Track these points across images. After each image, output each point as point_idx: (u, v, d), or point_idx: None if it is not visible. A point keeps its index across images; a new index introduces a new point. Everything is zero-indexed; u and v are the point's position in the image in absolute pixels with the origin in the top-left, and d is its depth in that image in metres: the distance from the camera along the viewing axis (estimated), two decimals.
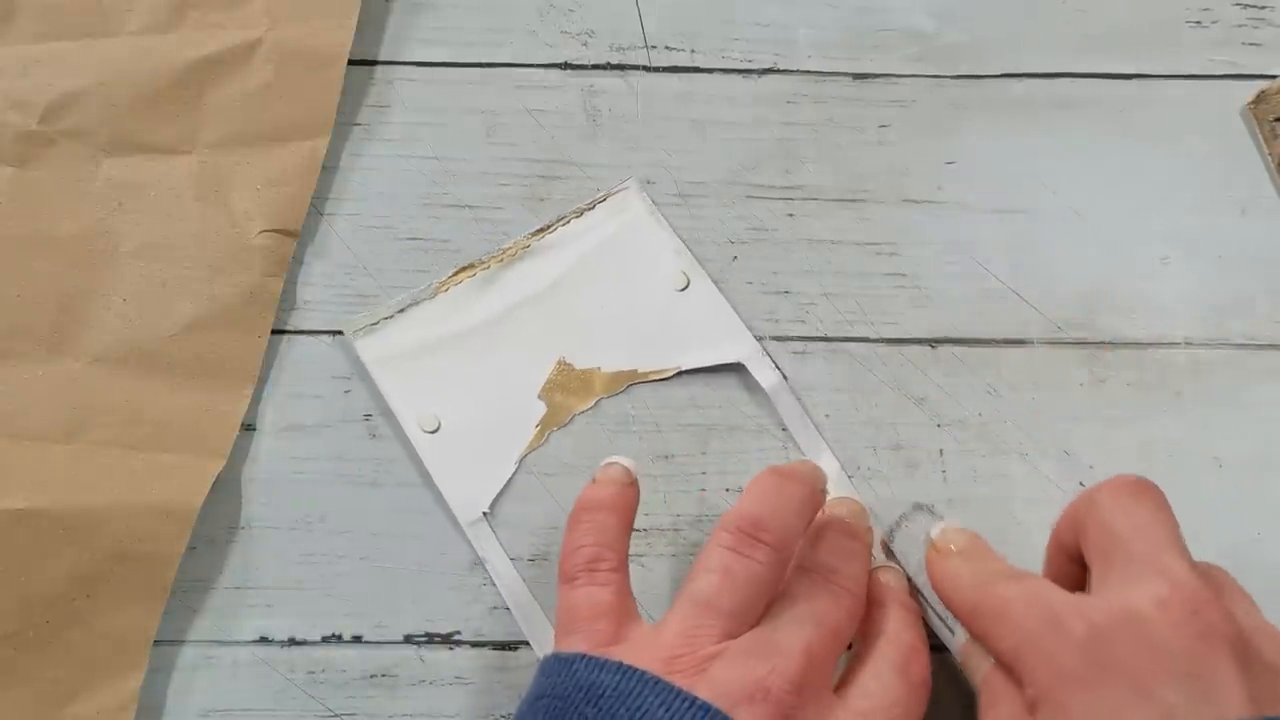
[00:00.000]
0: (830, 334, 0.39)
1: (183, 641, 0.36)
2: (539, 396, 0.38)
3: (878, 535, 0.36)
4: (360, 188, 0.41)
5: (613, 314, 0.39)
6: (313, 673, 0.36)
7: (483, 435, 0.38)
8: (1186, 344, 0.39)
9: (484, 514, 0.37)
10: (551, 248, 0.40)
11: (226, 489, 0.37)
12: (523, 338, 0.39)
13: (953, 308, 0.40)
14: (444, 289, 0.39)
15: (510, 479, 0.37)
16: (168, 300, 0.39)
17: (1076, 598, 0.29)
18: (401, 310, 0.39)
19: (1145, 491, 0.30)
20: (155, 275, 0.39)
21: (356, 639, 0.36)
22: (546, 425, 0.38)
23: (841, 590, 0.32)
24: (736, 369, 0.39)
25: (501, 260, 0.39)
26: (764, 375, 0.38)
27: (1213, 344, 0.39)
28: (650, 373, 0.39)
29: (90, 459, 0.36)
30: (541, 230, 0.40)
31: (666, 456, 0.38)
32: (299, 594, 0.36)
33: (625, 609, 0.31)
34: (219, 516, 0.37)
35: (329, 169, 0.41)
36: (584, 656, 0.30)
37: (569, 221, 0.40)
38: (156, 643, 0.35)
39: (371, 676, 0.36)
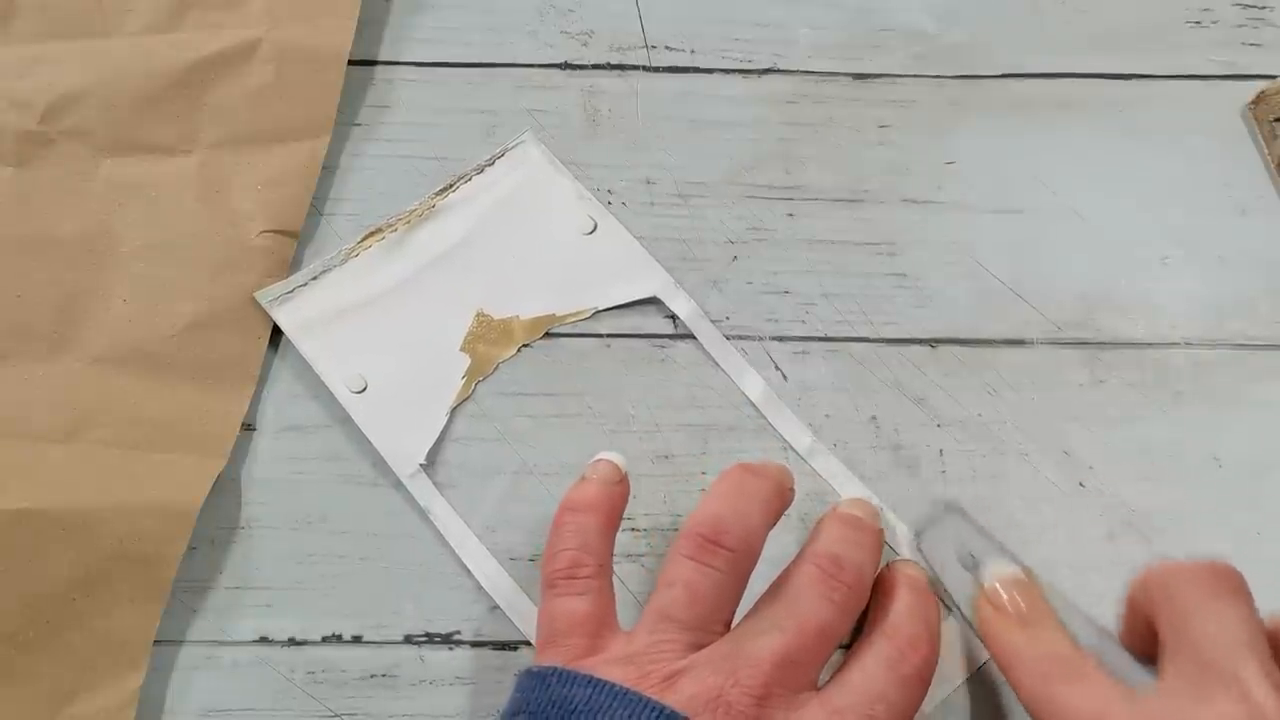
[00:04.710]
0: (830, 334, 0.39)
1: (183, 641, 0.36)
2: (461, 349, 0.39)
3: (907, 533, 0.36)
4: (360, 188, 0.41)
5: (524, 263, 0.40)
6: (313, 673, 0.36)
7: (411, 391, 0.38)
8: (1186, 344, 0.39)
9: (421, 466, 0.37)
10: (456, 205, 0.40)
11: (226, 489, 0.37)
12: (439, 294, 0.39)
13: (953, 308, 0.40)
14: (354, 254, 0.40)
15: (445, 429, 0.38)
16: (168, 300, 0.38)
17: (1140, 711, 0.28)
18: (315, 278, 0.39)
19: (1225, 585, 0.29)
20: (155, 275, 0.39)
21: (356, 639, 0.36)
22: (473, 376, 0.39)
23: (836, 585, 0.31)
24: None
25: (409, 222, 0.40)
26: (678, 305, 0.39)
27: (1213, 344, 0.39)
28: (568, 315, 0.39)
29: (90, 459, 0.36)
30: (445, 189, 0.41)
31: (666, 456, 0.38)
32: (299, 594, 0.36)
33: (602, 617, 0.31)
34: (219, 516, 0.37)
35: (329, 169, 0.41)
36: (557, 670, 0.30)
37: (470, 178, 0.41)
38: (156, 643, 0.35)
39: (371, 676, 0.36)
